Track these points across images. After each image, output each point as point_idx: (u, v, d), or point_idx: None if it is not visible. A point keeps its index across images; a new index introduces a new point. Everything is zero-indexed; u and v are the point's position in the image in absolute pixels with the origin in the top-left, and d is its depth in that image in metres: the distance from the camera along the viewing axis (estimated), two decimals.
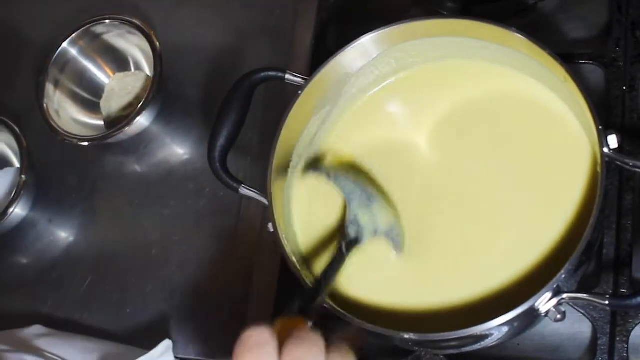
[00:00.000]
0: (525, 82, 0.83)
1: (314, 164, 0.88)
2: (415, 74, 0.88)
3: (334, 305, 0.76)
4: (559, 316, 0.72)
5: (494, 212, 0.81)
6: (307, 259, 0.85)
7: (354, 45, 0.84)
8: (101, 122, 1.10)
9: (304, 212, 0.87)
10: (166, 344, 0.90)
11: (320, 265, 0.83)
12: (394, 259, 0.82)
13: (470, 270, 0.79)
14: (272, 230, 0.81)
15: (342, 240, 0.79)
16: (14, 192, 1.06)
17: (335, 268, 0.77)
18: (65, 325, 1.00)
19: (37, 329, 0.97)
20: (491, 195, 0.82)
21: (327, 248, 0.85)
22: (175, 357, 0.97)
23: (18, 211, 1.06)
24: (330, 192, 0.85)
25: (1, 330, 0.97)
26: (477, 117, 0.85)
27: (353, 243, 0.79)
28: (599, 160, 0.74)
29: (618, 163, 0.74)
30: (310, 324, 0.66)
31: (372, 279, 0.82)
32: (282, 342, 0.60)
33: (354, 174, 0.85)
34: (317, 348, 0.61)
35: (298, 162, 0.87)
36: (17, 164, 1.11)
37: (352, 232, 0.80)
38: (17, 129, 1.08)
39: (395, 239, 0.81)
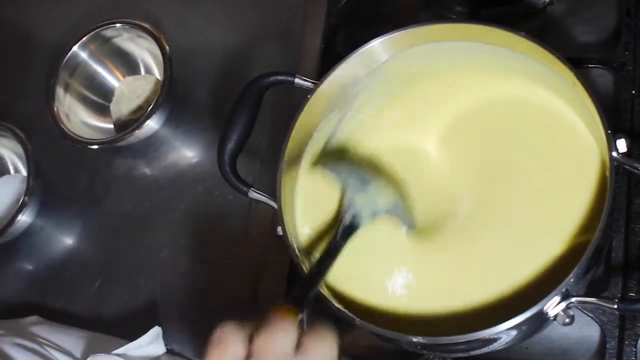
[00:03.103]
0: (534, 87, 0.83)
1: (316, 160, 0.87)
2: (424, 78, 0.88)
3: (342, 308, 0.76)
4: (567, 320, 0.72)
5: (503, 216, 0.81)
6: (311, 257, 0.85)
7: (362, 49, 0.84)
8: (111, 126, 1.11)
9: (308, 211, 0.87)
10: (155, 331, 0.91)
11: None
12: (404, 236, 0.82)
13: (479, 273, 0.79)
14: (280, 233, 0.81)
15: (337, 227, 0.79)
16: (21, 200, 1.06)
17: (330, 257, 0.76)
18: (75, 324, 1.00)
19: (34, 318, 0.98)
20: (500, 199, 0.81)
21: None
22: (183, 356, 0.97)
23: (26, 218, 1.07)
24: (333, 192, 0.85)
25: None
26: (487, 121, 0.85)
27: (349, 229, 0.79)
28: (607, 165, 0.73)
29: (627, 167, 0.74)
30: (301, 315, 0.66)
31: (379, 281, 0.82)
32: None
33: (349, 159, 0.85)
34: (286, 336, 0.62)
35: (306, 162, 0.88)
36: (24, 172, 1.11)
37: (348, 217, 0.79)
38: (22, 136, 1.08)
39: (401, 215, 0.81)
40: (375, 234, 0.83)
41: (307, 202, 0.87)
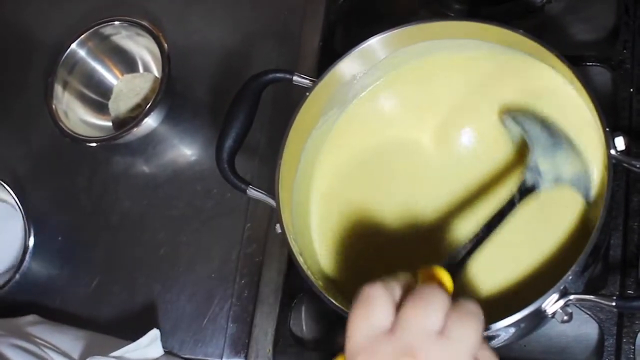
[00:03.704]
0: (533, 76, 0.83)
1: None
2: (422, 73, 0.88)
3: (340, 305, 0.76)
4: (565, 317, 0.72)
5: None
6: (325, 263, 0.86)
7: (361, 47, 0.84)
8: (109, 123, 1.11)
9: (324, 210, 0.88)
10: (153, 333, 0.91)
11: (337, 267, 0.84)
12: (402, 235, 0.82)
13: (477, 270, 0.79)
14: (279, 231, 0.81)
15: (517, 188, 0.75)
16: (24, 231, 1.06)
17: (500, 218, 0.73)
18: (73, 323, 1.00)
19: (32, 317, 0.98)
20: (497, 194, 0.81)
21: (351, 248, 0.85)
22: (181, 357, 0.97)
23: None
24: (353, 189, 0.86)
25: None
26: (483, 112, 0.85)
27: (528, 191, 0.75)
28: (606, 162, 0.74)
29: (625, 165, 0.74)
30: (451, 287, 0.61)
31: (378, 276, 0.82)
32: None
33: (542, 119, 0.80)
34: (436, 310, 0.56)
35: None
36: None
37: (529, 179, 0.76)
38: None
39: (583, 188, 0.77)
40: (373, 228, 0.83)
41: (319, 200, 0.88)
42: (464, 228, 0.82)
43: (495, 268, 0.78)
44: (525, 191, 0.75)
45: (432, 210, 0.84)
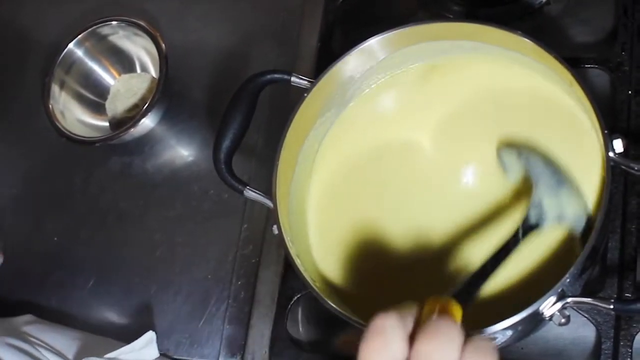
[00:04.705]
0: (534, 79, 0.83)
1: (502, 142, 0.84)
2: (421, 77, 0.88)
3: (338, 308, 0.76)
4: (563, 320, 0.72)
5: (498, 214, 0.80)
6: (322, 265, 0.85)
7: (359, 48, 0.84)
8: (106, 124, 1.11)
9: (321, 212, 0.88)
10: (149, 335, 0.91)
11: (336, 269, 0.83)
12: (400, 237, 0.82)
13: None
14: (276, 232, 0.81)
15: (520, 224, 0.75)
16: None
17: (506, 253, 0.73)
18: (69, 324, 1.00)
19: (27, 317, 0.98)
20: (495, 196, 0.81)
21: (348, 250, 0.85)
22: (176, 359, 0.97)
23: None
24: (350, 191, 0.86)
25: None
26: (482, 114, 0.85)
27: (531, 228, 0.76)
28: (604, 165, 0.73)
29: (623, 167, 0.74)
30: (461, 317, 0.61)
31: (377, 280, 0.82)
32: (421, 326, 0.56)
33: (545, 156, 0.80)
34: (453, 345, 0.55)
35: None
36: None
37: (533, 216, 0.76)
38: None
39: (581, 224, 0.76)
40: (373, 233, 0.83)
41: (317, 204, 0.87)
42: (462, 233, 0.81)
43: None
44: (528, 228, 0.75)
45: (429, 213, 0.83)
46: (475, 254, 0.79)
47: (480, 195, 0.82)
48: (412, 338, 0.55)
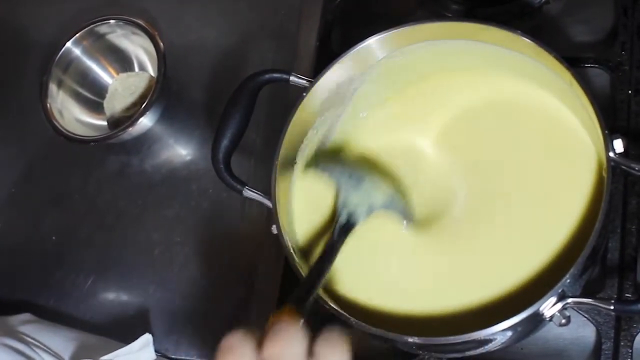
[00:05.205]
0: (531, 87, 0.83)
1: (309, 161, 0.87)
2: (420, 77, 0.88)
3: (338, 308, 0.76)
4: (563, 321, 0.72)
5: (499, 217, 0.80)
6: (308, 257, 0.85)
7: (358, 47, 0.84)
8: (104, 123, 1.10)
9: (305, 211, 0.87)
10: (146, 337, 0.91)
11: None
12: (399, 238, 0.82)
13: (475, 274, 0.79)
14: (275, 232, 0.80)
15: (334, 226, 0.79)
16: None
17: (328, 257, 0.76)
18: (67, 323, 1.00)
19: (25, 316, 0.98)
20: (496, 200, 0.81)
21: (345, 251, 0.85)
22: (175, 358, 0.97)
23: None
24: (328, 192, 0.85)
25: None
26: (483, 121, 0.85)
27: (346, 228, 0.79)
28: (604, 165, 0.73)
29: (623, 167, 0.73)
30: (302, 320, 0.64)
31: (375, 281, 0.82)
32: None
33: (342, 159, 0.85)
34: (296, 342, 0.60)
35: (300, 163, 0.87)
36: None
37: (343, 216, 0.79)
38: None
39: (399, 208, 0.81)
40: (371, 234, 0.83)
41: (304, 202, 0.87)
42: (463, 238, 0.81)
43: (493, 271, 0.78)
44: (343, 228, 0.79)
45: (428, 217, 0.83)
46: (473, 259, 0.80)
47: (481, 197, 0.82)
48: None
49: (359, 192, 0.80)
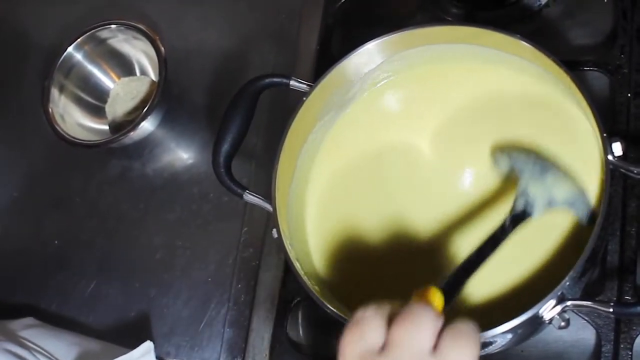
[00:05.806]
0: (529, 87, 0.83)
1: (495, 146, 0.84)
2: (420, 80, 0.88)
3: (336, 311, 0.76)
4: (563, 323, 0.72)
5: (497, 218, 0.80)
6: (320, 266, 0.85)
7: (358, 51, 0.84)
8: (106, 127, 1.11)
9: (320, 216, 0.87)
10: (147, 345, 0.90)
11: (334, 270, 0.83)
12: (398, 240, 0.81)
13: (475, 276, 0.78)
14: (276, 236, 0.81)
15: (509, 214, 0.75)
16: None
17: (494, 245, 0.73)
18: (69, 327, 1.00)
19: (28, 320, 0.98)
20: (494, 200, 0.81)
21: (347, 254, 0.85)
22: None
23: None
24: (349, 195, 0.85)
25: None
26: (481, 118, 0.85)
27: (520, 217, 0.75)
28: (603, 168, 0.73)
29: (622, 170, 0.74)
30: (443, 307, 0.62)
31: (372, 282, 0.82)
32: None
33: (527, 149, 0.81)
34: (426, 327, 0.56)
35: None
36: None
37: (520, 205, 0.75)
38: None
39: (579, 208, 0.76)
40: (372, 236, 0.83)
41: (315, 205, 0.87)
42: (460, 238, 0.81)
43: (492, 274, 0.78)
44: (517, 217, 0.75)
45: (428, 217, 0.83)
46: None
47: (478, 197, 0.82)
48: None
49: (542, 183, 0.76)
